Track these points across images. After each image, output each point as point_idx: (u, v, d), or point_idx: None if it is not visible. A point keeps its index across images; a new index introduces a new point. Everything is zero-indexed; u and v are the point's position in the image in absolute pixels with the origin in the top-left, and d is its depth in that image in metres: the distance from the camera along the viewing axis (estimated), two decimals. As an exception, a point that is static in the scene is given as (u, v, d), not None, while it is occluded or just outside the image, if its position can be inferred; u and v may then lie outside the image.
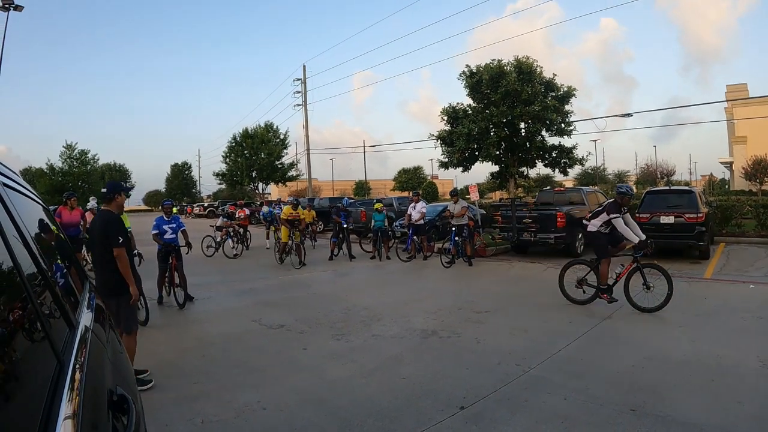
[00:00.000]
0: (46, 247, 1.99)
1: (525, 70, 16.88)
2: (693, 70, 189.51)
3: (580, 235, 13.57)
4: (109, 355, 2.04)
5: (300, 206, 14.94)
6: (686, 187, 15.50)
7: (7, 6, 21.11)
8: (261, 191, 49.96)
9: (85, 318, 2.00)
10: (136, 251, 8.71)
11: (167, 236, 8.81)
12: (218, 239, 16.43)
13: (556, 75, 17.54)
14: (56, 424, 1.02)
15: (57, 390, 1.17)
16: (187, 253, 8.98)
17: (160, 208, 11.13)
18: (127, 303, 4.80)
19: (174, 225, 8.96)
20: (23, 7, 21.56)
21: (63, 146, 53.71)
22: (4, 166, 1.78)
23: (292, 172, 48.44)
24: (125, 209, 5.49)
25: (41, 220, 2.24)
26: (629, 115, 20.53)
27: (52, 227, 2.51)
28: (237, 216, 17.24)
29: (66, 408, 1.11)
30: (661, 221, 12.19)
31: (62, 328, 1.58)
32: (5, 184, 1.62)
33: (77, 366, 1.41)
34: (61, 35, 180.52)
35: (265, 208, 20.45)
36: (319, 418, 4.06)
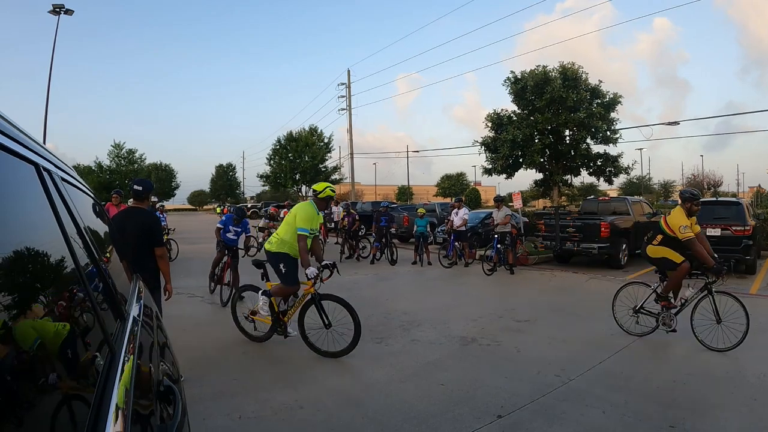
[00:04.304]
0: (98, 239, 2.04)
1: (570, 77, 16.66)
2: (752, 73, 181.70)
3: (624, 246, 13.39)
4: (157, 345, 2.10)
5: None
6: (733, 199, 15.09)
7: (57, 10, 22.00)
8: (304, 194, 50.52)
9: (134, 310, 2.07)
10: None
11: (230, 236, 9.21)
12: (261, 240, 16.68)
13: (601, 81, 17.25)
14: (108, 410, 1.06)
15: (109, 377, 1.21)
16: (242, 256, 9.31)
17: (231, 211, 11.51)
18: (159, 299, 4.91)
19: (239, 229, 9.41)
20: (73, 11, 22.43)
21: (111, 145, 55.54)
22: (60, 160, 1.82)
23: (336, 176, 48.85)
24: (170, 207, 5.68)
25: (95, 213, 2.32)
26: (676, 123, 20.05)
27: (105, 221, 2.63)
28: (280, 217, 17.41)
29: (117, 395, 1.15)
30: (707, 233, 11.92)
31: (114, 319, 1.64)
32: (63, 179, 1.69)
33: (127, 356, 1.46)
34: (110, 37, 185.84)
35: None
36: (356, 420, 4.10)
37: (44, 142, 1.81)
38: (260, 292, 6.26)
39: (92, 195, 2.53)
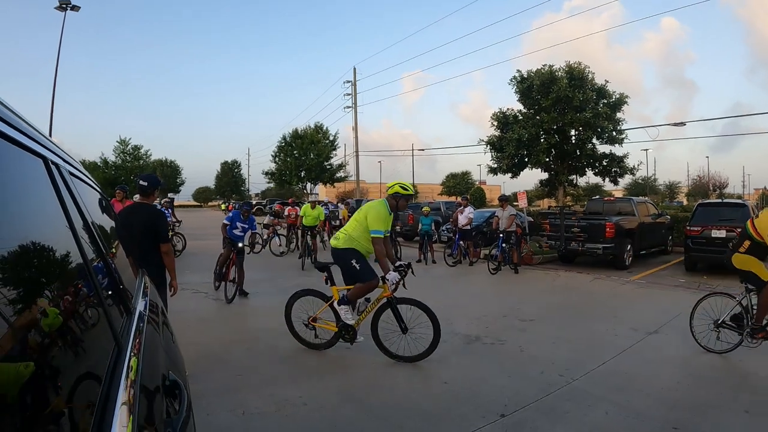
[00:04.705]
0: (105, 234, 2.05)
1: (576, 76, 16.60)
2: (759, 74, 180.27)
3: (628, 247, 13.36)
4: (162, 341, 2.10)
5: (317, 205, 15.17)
6: (739, 201, 15.06)
7: (64, 6, 22.04)
8: (309, 191, 50.54)
9: (141, 305, 2.07)
10: None
11: (236, 232, 9.25)
12: (265, 236, 16.76)
13: (608, 81, 17.21)
14: (115, 405, 1.07)
15: (115, 372, 1.22)
16: (248, 253, 9.31)
17: (237, 207, 11.54)
18: (164, 295, 4.93)
19: (246, 226, 9.45)
20: (80, 7, 22.46)
21: (117, 141, 55.65)
22: (67, 154, 1.83)
23: (341, 174, 48.86)
24: (176, 204, 5.67)
25: (101, 208, 2.33)
26: (682, 124, 19.88)
27: (111, 216, 2.63)
28: (287, 214, 17.36)
29: (123, 389, 1.16)
30: (712, 235, 11.89)
31: (120, 313, 1.64)
32: (71, 173, 1.69)
33: (134, 350, 1.47)
34: (114, 33, 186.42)
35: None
36: (360, 417, 4.11)
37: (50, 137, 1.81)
38: (336, 302, 5.81)
39: (99, 189, 2.53)
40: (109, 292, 1.60)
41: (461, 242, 14.19)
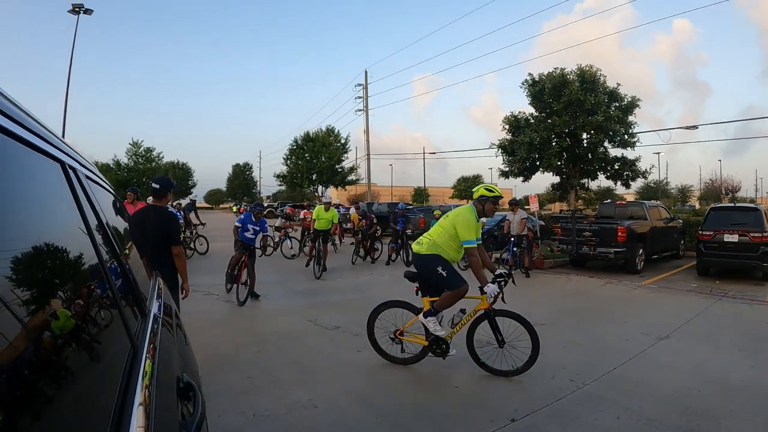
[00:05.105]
0: (119, 236, 2.07)
1: (588, 79, 16.59)
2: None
3: (640, 251, 13.28)
4: (177, 343, 2.12)
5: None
6: (752, 205, 14.90)
7: (77, 10, 22.29)
8: (320, 194, 50.66)
9: (155, 307, 2.09)
10: None
11: (248, 235, 9.22)
12: (277, 239, 16.79)
13: (619, 84, 17.18)
14: (132, 407, 1.08)
15: (132, 374, 1.23)
16: (260, 255, 9.31)
17: (249, 209, 11.57)
18: (177, 297, 4.94)
19: (258, 227, 9.40)
20: (92, 10, 22.70)
21: (129, 143, 55.93)
22: (83, 158, 1.84)
23: (352, 177, 48.96)
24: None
25: (115, 210, 2.35)
26: (695, 127, 19.68)
27: (125, 218, 2.65)
28: (302, 217, 17.24)
29: (140, 391, 1.17)
30: (725, 239, 11.76)
31: (135, 316, 1.66)
32: (87, 177, 1.71)
33: (149, 352, 1.48)
34: (126, 36, 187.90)
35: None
36: (370, 420, 4.11)
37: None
38: (422, 315, 5.44)
39: (113, 192, 2.56)
40: (126, 295, 1.62)
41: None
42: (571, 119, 16.49)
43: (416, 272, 5.60)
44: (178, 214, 13.78)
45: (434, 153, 72.21)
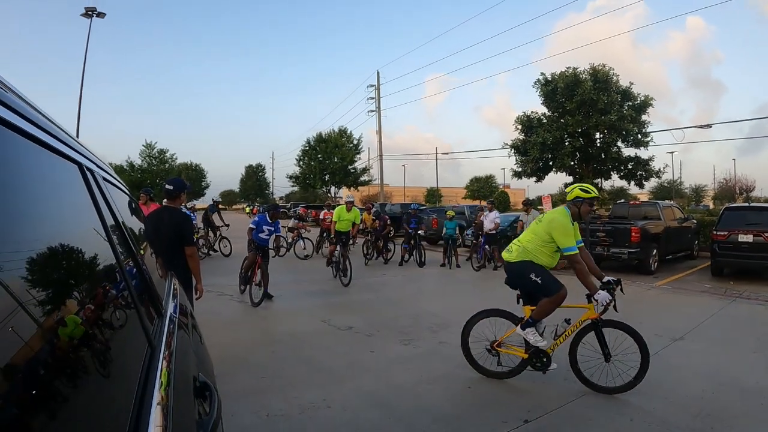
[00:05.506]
0: (135, 237, 2.08)
1: (601, 78, 16.50)
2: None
3: (654, 251, 13.18)
4: (192, 343, 2.13)
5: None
6: (766, 204, 14.73)
7: (90, 13, 22.50)
8: (333, 195, 50.75)
9: (170, 307, 2.11)
10: None
11: (262, 236, 9.26)
12: (290, 240, 16.87)
13: (632, 83, 17.07)
14: (150, 406, 1.09)
15: (150, 373, 1.24)
16: (273, 256, 9.35)
17: (263, 210, 11.62)
18: (191, 298, 4.99)
19: (272, 228, 9.48)
20: (105, 14, 22.92)
21: (143, 145, 56.50)
22: (100, 159, 1.86)
23: (365, 177, 49.03)
24: (200, 207, 5.72)
25: (131, 211, 2.38)
26: (708, 126, 19.51)
27: (140, 218, 2.68)
28: (322, 218, 17.14)
29: (157, 390, 1.18)
30: (739, 240, 11.62)
31: (152, 316, 1.67)
32: (104, 178, 1.73)
33: (166, 352, 1.49)
34: (139, 39, 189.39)
35: None
36: (383, 421, 4.11)
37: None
38: (520, 327, 5.16)
39: (128, 193, 2.59)
40: (143, 295, 1.63)
41: (486, 246, 14.11)
42: (584, 119, 16.41)
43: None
44: (192, 215, 13.87)
45: (447, 153, 72.33)
